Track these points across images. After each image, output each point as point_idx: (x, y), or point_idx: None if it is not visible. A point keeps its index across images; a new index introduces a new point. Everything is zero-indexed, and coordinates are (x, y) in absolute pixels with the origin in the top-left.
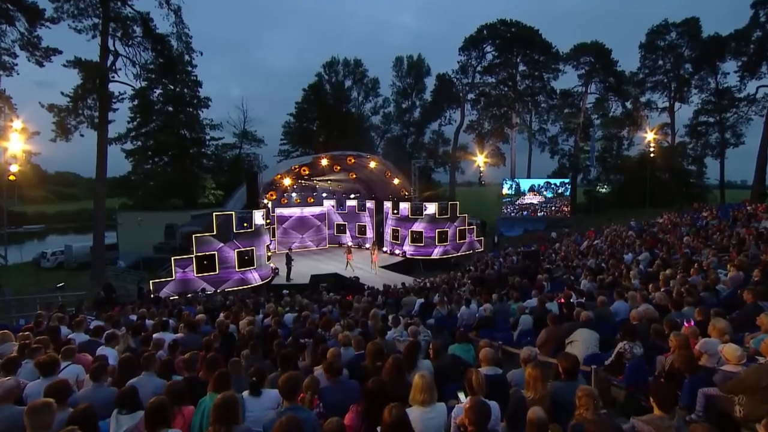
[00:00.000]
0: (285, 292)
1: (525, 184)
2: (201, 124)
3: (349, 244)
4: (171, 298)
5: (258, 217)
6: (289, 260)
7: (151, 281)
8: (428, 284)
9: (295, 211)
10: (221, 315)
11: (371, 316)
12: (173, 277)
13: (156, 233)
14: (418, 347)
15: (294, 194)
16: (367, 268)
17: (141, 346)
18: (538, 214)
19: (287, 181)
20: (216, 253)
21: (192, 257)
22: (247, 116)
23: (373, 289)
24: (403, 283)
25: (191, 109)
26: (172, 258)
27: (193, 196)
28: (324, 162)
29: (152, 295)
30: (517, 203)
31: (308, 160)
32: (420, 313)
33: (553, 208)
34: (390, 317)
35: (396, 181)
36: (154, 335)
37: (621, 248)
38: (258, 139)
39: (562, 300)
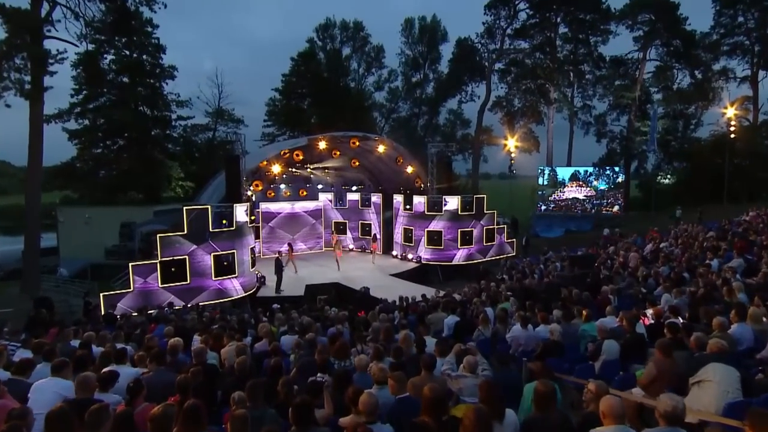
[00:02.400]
0: (275, 306)
1: (564, 173)
2: (165, 99)
3: (336, 236)
4: (129, 315)
5: (240, 212)
6: (279, 267)
7: (102, 294)
8: (457, 297)
9: (284, 207)
10: (196, 338)
11: (403, 340)
12: (131, 289)
13: (108, 234)
14: (501, 393)
15: (283, 186)
16: (367, 267)
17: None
18: (589, 210)
19: (276, 169)
20: (187, 257)
21: (156, 263)
22: (222, 91)
23: (386, 303)
24: (423, 296)
25: (152, 81)
26: (130, 264)
27: (155, 187)
28: (322, 145)
29: (104, 313)
30: (554, 198)
31: (303, 143)
32: (454, 335)
33: (605, 203)
34: (433, 343)
35: (409, 169)
36: (105, 370)
37: (700, 253)
38: (236, 119)
39: (646, 320)
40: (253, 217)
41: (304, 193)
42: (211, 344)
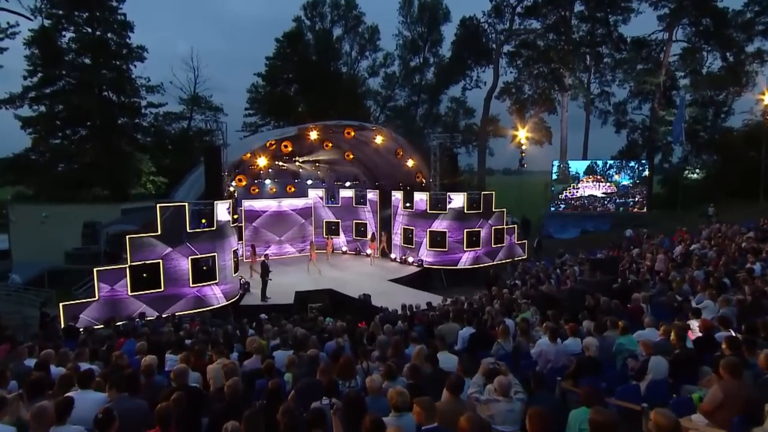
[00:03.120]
0: (263, 317)
1: (579, 166)
2: (133, 84)
3: (331, 239)
4: (94, 329)
5: (222, 210)
6: (265, 272)
7: (61, 304)
8: (466, 305)
9: (269, 205)
10: (171, 356)
11: (417, 357)
12: (96, 298)
13: (69, 235)
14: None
15: (268, 181)
16: (363, 270)
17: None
18: (609, 208)
19: (262, 162)
20: (161, 261)
21: (125, 268)
22: (198, 75)
23: (387, 312)
24: (429, 304)
25: (118, 63)
26: (95, 270)
27: (123, 183)
28: (313, 135)
29: (63, 326)
30: (566, 195)
31: (292, 133)
32: (469, 348)
33: (631, 202)
34: (449, 360)
35: (410, 163)
36: (68, 395)
37: (738, 256)
38: (214, 107)
39: (690, 333)
40: (236, 216)
41: (292, 189)
42: (192, 362)
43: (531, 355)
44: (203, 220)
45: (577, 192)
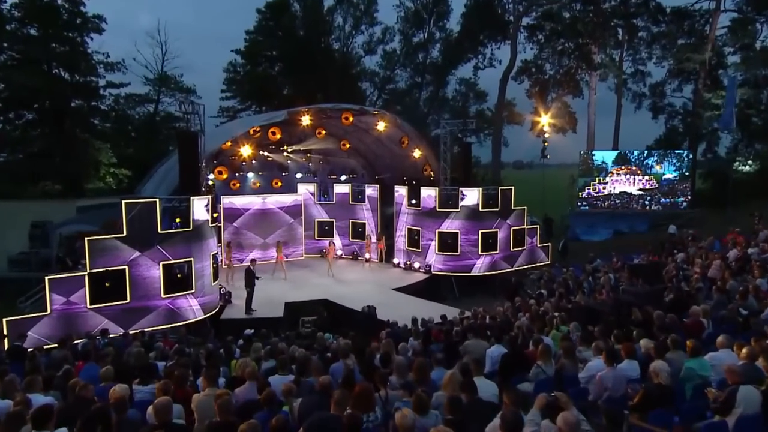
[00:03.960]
0: (249, 332)
1: (607, 156)
2: (90, 60)
3: (333, 246)
4: (46, 349)
5: (199, 208)
6: (250, 279)
7: (5, 320)
8: (488, 319)
9: (252, 201)
10: (140, 387)
11: (449, 384)
12: (48, 312)
13: (13, 237)
14: None
15: (251, 175)
16: (364, 278)
17: None
18: (648, 206)
19: (246, 151)
20: (126, 268)
21: (83, 276)
22: (166, 51)
23: (395, 326)
24: (443, 317)
25: (72, 35)
26: (46, 278)
27: (78, 176)
28: (305, 120)
29: (8, 346)
30: (590, 191)
31: (281, 117)
32: (501, 371)
33: (680, 201)
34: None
35: (416, 153)
36: None
37: None
38: (186, 89)
39: None
40: (215, 215)
41: (279, 183)
42: (173, 391)
43: (579, 381)
44: (177, 219)
45: (603, 189)
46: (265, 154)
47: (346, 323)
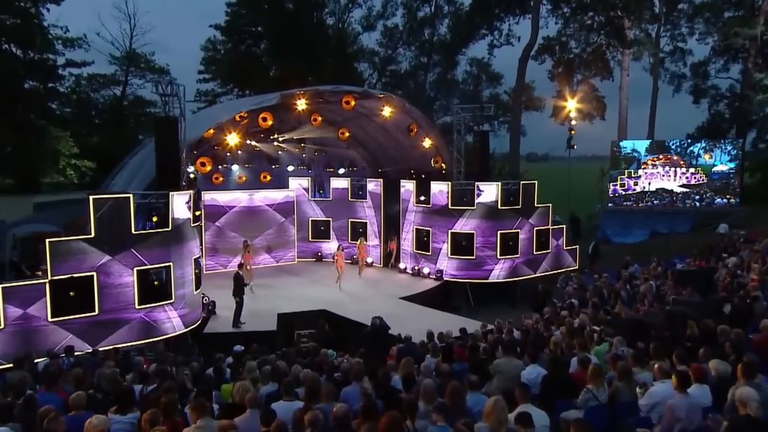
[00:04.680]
0: (239, 349)
1: (639, 146)
2: (46, 35)
3: (365, 244)
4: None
5: (180, 205)
6: (239, 287)
7: None
8: (517, 332)
9: (238, 198)
10: (116, 416)
11: (492, 413)
12: (1, 326)
13: None
14: None
15: (236, 168)
16: (364, 284)
17: None
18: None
19: (233, 140)
20: (95, 274)
21: (43, 284)
22: (135, 26)
23: (409, 342)
24: (463, 330)
25: (25, 4)
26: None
27: (34, 169)
28: (300, 105)
29: None
30: (617, 188)
31: (273, 100)
32: (542, 396)
33: (729, 202)
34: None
35: (426, 142)
36: None
37: None
38: (158, 69)
39: None
40: (198, 213)
41: (268, 178)
42: (161, 423)
43: (638, 408)
44: (154, 218)
45: (635, 185)
46: (253, 143)
47: (347, 337)
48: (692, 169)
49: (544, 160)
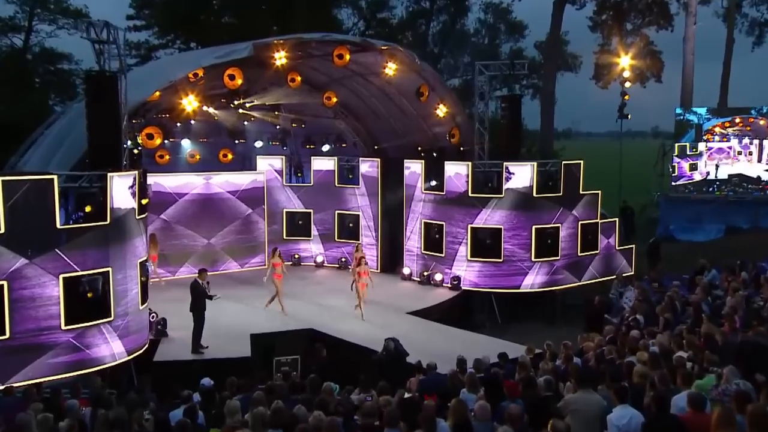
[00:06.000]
0: (208, 383)
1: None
2: None
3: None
4: None
5: (121, 190)
6: (199, 300)
7: None
8: (576, 359)
9: (190, 183)
10: None
11: None
12: None
13: None
14: None
15: (187, 143)
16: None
17: None
18: None
19: (189, 104)
20: (5, 284)
21: None
22: None
23: (433, 371)
24: (503, 356)
25: None
26: None
27: None
28: (279, 58)
29: None
30: (673, 172)
31: (244, 53)
32: None
33: None
34: None
35: (440, 110)
36: None
37: None
38: (73, 11)
39: None
40: (146, 201)
41: (230, 156)
42: None
43: None
44: (87, 208)
45: (690, 169)
46: (210, 110)
47: (344, 363)
48: None
49: (566, 136)
